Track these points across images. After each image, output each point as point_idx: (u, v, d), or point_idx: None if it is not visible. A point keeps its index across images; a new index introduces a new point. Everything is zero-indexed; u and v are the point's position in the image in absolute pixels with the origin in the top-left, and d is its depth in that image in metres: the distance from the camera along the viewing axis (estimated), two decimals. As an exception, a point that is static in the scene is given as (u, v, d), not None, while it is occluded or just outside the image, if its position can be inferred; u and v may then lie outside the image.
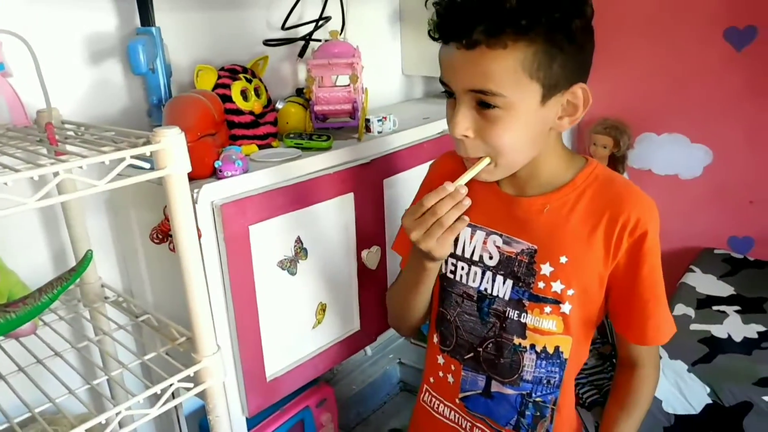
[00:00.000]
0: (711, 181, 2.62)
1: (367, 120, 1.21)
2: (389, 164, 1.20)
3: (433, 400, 1.02)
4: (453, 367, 0.96)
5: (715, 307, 2.20)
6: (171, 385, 0.74)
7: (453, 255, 0.92)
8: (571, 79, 0.77)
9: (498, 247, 0.88)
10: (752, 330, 2.06)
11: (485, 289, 0.90)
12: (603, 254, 0.83)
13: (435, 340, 0.99)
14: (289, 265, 1.04)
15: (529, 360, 0.89)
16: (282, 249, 1.03)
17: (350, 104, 1.17)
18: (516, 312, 0.88)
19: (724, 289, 2.33)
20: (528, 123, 0.77)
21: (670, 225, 2.74)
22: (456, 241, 0.91)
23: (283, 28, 1.28)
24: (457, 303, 0.93)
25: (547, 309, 0.85)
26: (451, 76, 0.77)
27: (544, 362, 0.89)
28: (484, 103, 0.75)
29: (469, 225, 0.88)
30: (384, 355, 1.74)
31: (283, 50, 1.32)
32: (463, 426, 0.98)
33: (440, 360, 0.98)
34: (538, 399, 0.91)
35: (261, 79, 1.13)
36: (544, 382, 0.90)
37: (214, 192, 0.91)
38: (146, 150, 0.65)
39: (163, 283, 1.05)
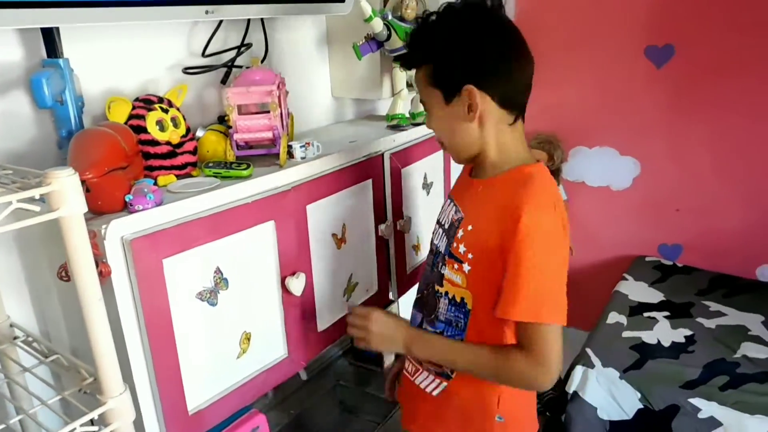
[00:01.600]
0: (640, 191, 2.73)
1: (290, 146, 1.22)
2: (313, 190, 1.21)
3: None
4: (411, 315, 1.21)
5: (646, 314, 2.28)
6: (73, 429, 0.72)
7: (437, 221, 1.17)
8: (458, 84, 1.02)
9: (452, 215, 1.11)
10: (680, 334, 2.15)
11: (437, 246, 1.14)
12: (498, 235, 1.00)
13: None
14: (209, 296, 1.03)
15: (443, 304, 1.11)
16: (200, 280, 1.01)
17: (270, 132, 1.17)
18: (441, 264, 1.11)
19: (655, 296, 2.42)
20: (442, 119, 1.08)
21: (605, 234, 2.85)
22: (442, 212, 1.17)
23: (203, 55, 1.27)
24: (428, 256, 1.19)
25: (455, 266, 1.07)
26: None
27: (453, 308, 1.10)
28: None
29: (450, 198, 1.16)
30: (321, 377, 1.74)
31: (207, 77, 1.32)
32: (405, 361, 1.25)
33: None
34: (448, 336, 1.10)
35: (179, 108, 1.12)
36: (453, 324, 1.10)
37: (124, 227, 0.89)
38: (35, 193, 0.64)
39: (79, 321, 1.02)
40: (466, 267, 1.05)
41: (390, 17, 1.45)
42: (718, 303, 2.35)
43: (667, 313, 2.28)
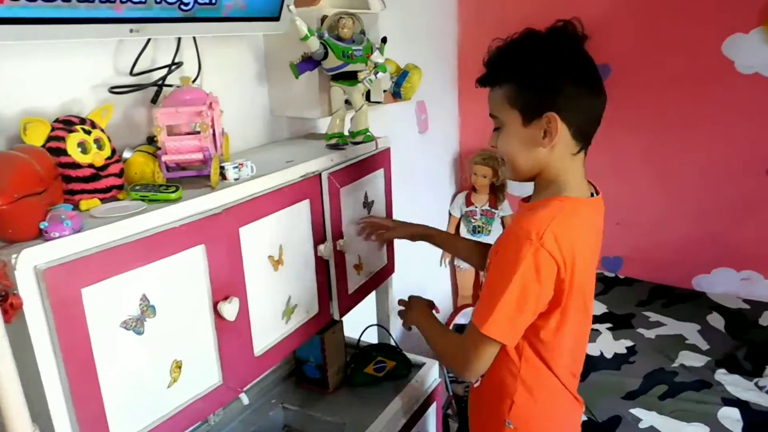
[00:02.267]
0: (582, 205, 2.81)
1: (222, 167, 1.19)
2: (246, 212, 1.18)
3: None
4: None
5: (589, 326, 2.33)
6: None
7: None
8: (541, 110, 1.07)
9: None
10: (621, 345, 2.20)
11: None
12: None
13: None
14: (135, 324, 0.99)
15: None
16: (125, 309, 0.97)
17: (201, 153, 1.14)
18: None
19: (598, 308, 2.48)
20: (514, 138, 1.13)
21: (550, 248, 2.90)
22: None
23: (132, 73, 1.23)
24: None
25: (485, 273, 1.25)
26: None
27: None
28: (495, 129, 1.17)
29: None
30: (265, 401, 1.69)
31: (136, 96, 1.28)
32: None
33: None
34: None
35: (103, 129, 1.08)
36: None
37: (38, 255, 0.85)
38: (-75, 225, 0.59)
39: None
40: (484, 274, 1.23)
41: (326, 36, 1.44)
42: (657, 313, 2.43)
43: (609, 325, 2.34)
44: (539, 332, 1.15)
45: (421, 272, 2.65)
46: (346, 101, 1.58)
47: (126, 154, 1.16)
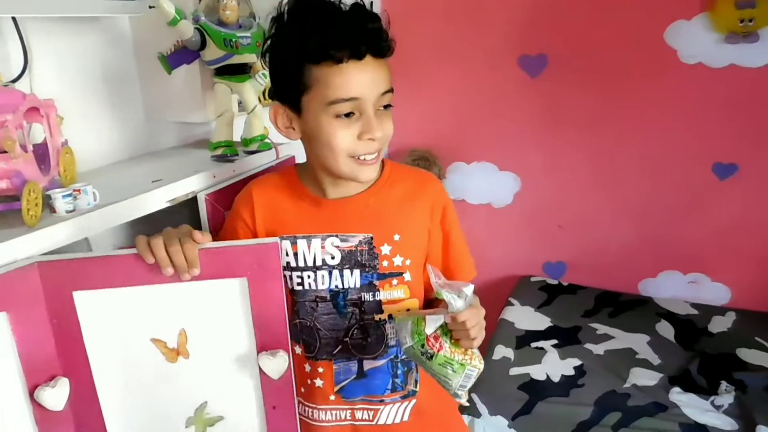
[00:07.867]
0: (522, 208, 2.60)
1: (48, 196, 0.87)
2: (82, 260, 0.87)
3: (307, 409, 1.09)
4: (321, 369, 1.05)
5: (533, 344, 2.11)
6: None
7: (296, 268, 1.01)
8: None
9: (337, 247, 1.00)
10: (569, 366, 1.99)
11: (336, 286, 1.01)
12: (425, 226, 1.03)
13: (298, 351, 1.06)
14: None
15: (390, 329, 1.03)
16: None
17: (7, 180, 0.82)
18: (370, 293, 1.01)
19: (542, 322, 2.27)
20: None
21: (490, 255, 2.67)
22: (296, 255, 1.01)
23: None
24: (312, 309, 1.03)
25: (395, 282, 1.01)
26: (364, 87, 0.90)
27: None
28: (387, 106, 0.95)
29: (304, 237, 1.00)
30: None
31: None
32: (343, 417, 1.07)
33: (307, 368, 1.06)
34: (403, 357, 1.04)
35: None
36: None
37: None
38: None
39: None
40: (407, 276, 1.02)
41: (203, 20, 1.14)
42: (604, 324, 2.25)
43: (555, 341, 2.13)
44: None
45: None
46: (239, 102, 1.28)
47: None
